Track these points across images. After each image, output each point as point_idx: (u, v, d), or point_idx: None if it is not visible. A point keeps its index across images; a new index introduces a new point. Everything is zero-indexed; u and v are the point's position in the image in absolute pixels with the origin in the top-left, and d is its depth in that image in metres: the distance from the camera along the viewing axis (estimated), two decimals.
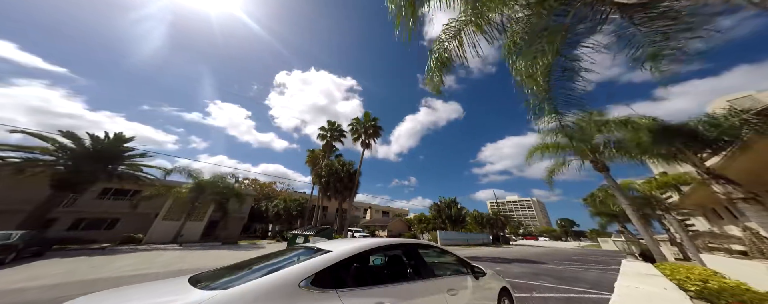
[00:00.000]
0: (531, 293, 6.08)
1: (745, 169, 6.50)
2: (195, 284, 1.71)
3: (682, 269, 5.84)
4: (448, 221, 35.22)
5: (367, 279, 2.62)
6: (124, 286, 2.05)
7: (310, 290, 1.62)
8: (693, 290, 4.90)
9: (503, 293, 3.50)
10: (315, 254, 2.03)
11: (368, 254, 2.38)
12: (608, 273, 9.69)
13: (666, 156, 6.86)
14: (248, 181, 39.85)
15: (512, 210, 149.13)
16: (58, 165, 13.12)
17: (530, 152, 11.27)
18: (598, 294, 6.19)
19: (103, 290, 1.94)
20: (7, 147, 12.16)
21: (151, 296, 1.68)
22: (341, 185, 23.64)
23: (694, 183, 9.71)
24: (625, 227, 22.34)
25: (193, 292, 1.53)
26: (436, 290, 2.40)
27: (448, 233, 30.84)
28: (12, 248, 8.07)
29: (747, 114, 5.40)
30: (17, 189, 14.31)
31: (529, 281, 7.53)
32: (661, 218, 14.32)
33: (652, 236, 9.51)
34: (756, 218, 5.20)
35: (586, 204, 20.09)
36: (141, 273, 6.86)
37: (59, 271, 6.81)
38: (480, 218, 42.67)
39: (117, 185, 18.10)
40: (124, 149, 15.26)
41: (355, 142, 25.57)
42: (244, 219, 25.86)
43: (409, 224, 41.05)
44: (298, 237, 12.74)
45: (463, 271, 3.12)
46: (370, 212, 50.76)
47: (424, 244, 2.97)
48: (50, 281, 5.70)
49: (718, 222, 12.31)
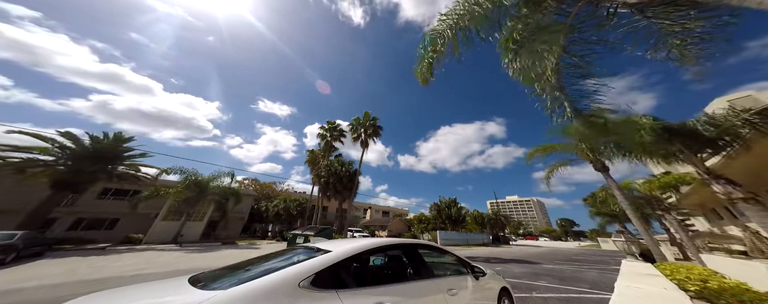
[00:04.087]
0: (531, 293, 6.08)
1: (745, 169, 6.49)
2: (195, 284, 1.71)
3: (682, 269, 5.84)
4: (448, 221, 35.22)
5: (367, 279, 2.62)
6: (124, 286, 2.05)
7: (310, 290, 1.62)
8: (693, 290, 4.90)
9: (503, 293, 3.49)
10: (315, 254, 2.03)
11: (368, 254, 2.38)
12: (608, 273, 9.68)
13: (666, 156, 6.86)
14: (248, 181, 39.88)
15: (512, 210, 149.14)
16: (57, 165, 13.13)
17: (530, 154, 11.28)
18: (598, 294, 6.19)
19: (103, 289, 1.94)
20: (7, 147, 12.17)
21: (151, 296, 1.68)
22: (341, 185, 23.64)
23: (694, 183, 9.71)
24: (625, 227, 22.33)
25: (193, 292, 1.53)
26: (436, 290, 2.39)
27: (448, 233, 30.83)
28: (12, 248, 8.07)
29: (747, 114, 5.39)
30: (17, 189, 14.30)
31: (529, 281, 7.53)
32: (661, 218, 14.31)
33: (652, 236, 9.52)
34: (756, 218, 5.19)
35: (587, 204, 20.11)
36: (141, 273, 6.87)
37: (59, 271, 6.80)
38: (480, 218, 42.69)
39: (117, 185, 18.09)
40: (123, 149, 15.28)
41: (355, 141, 25.55)
42: (243, 219, 25.85)
43: (409, 224, 41.03)
44: (298, 237, 12.74)
45: (463, 271, 3.11)
46: (370, 212, 50.75)
47: (424, 244, 2.96)
48: (50, 281, 5.70)
49: (718, 222, 12.31)
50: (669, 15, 3.66)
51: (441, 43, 5.15)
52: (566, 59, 5.04)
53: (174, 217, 17.82)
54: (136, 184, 16.77)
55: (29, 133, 12.89)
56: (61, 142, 13.26)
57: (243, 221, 25.94)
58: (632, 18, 3.96)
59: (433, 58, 5.35)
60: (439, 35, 5.12)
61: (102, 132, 14.70)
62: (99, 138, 14.35)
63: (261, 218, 30.98)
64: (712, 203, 11.58)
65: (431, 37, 5.25)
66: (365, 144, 24.87)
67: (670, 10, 3.62)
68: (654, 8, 3.69)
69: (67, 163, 13.27)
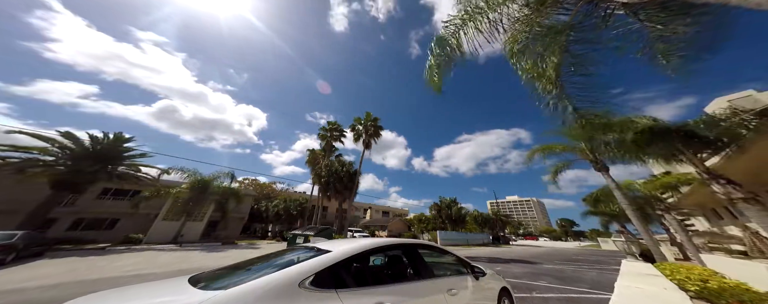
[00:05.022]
0: (531, 293, 6.08)
1: (745, 169, 6.49)
2: (195, 284, 1.71)
3: (682, 269, 5.85)
4: (448, 221, 35.23)
5: (367, 279, 2.62)
6: (124, 286, 2.05)
7: (310, 290, 1.62)
8: (693, 290, 4.91)
9: (503, 293, 3.49)
10: (315, 254, 2.03)
11: (368, 254, 2.37)
12: (608, 273, 9.68)
13: (666, 156, 6.86)
14: (248, 181, 39.88)
15: (512, 210, 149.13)
16: (57, 165, 13.13)
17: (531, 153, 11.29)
18: (598, 294, 6.19)
19: (103, 289, 1.94)
20: (7, 147, 12.17)
21: (151, 296, 1.68)
22: (341, 185, 23.62)
23: (694, 183, 9.72)
24: (625, 227, 22.33)
25: (193, 292, 1.53)
26: (436, 290, 2.39)
27: (448, 233, 30.82)
28: (12, 248, 8.06)
29: (747, 114, 5.39)
30: (17, 189, 14.30)
31: (529, 281, 7.52)
32: (661, 218, 14.30)
33: (652, 236, 9.52)
34: (756, 218, 5.19)
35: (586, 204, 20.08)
36: (141, 273, 6.87)
37: (59, 271, 6.80)
38: (480, 218, 42.68)
39: (117, 185, 18.09)
40: (123, 149, 15.28)
41: (356, 141, 25.55)
42: (243, 219, 25.85)
43: (409, 224, 41.05)
44: (298, 237, 12.75)
45: (463, 271, 3.11)
46: (370, 212, 50.78)
47: (424, 244, 2.96)
48: (50, 281, 5.70)
49: (718, 222, 12.32)
50: (661, 19, 3.67)
51: (449, 50, 5.21)
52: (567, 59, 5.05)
53: (174, 217, 17.81)
54: (137, 184, 16.75)
55: (29, 134, 12.90)
56: (61, 142, 13.26)
57: (243, 221, 25.93)
58: (626, 21, 3.98)
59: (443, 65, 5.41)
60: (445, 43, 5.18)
61: (102, 132, 14.72)
62: (99, 138, 14.35)
63: (261, 218, 30.99)
64: (712, 203, 11.59)
65: (438, 42, 5.29)
66: (367, 144, 24.88)
67: (662, 14, 3.62)
68: (646, 11, 3.70)
69: (67, 163, 13.27)
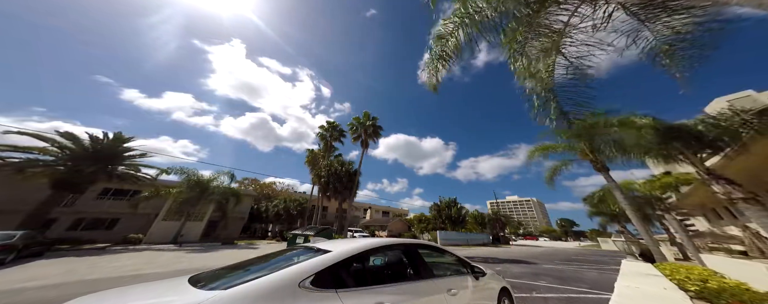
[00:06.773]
0: (531, 293, 6.07)
1: (745, 169, 6.49)
2: (195, 284, 1.71)
3: (682, 269, 5.84)
4: (448, 221, 35.19)
5: (367, 279, 2.61)
6: (124, 286, 2.05)
7: (310, 290, 1.62)
8: (693, 290, 4.90)
9: (503, 294, 3.49)
10: (315, 254, 2.03)
11: (368, 254, 2.37)
12: (608, 273, 9.68)
13: (666, 156, 6.86)
14: (248, 181, 39.89)
15: (512, 210, 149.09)
16: (57, 165, 13.12)
17: (531, 153, 11.29)
18: (598, 294, 6.18)
19: (103, 289, 1.93)
20: (7, 147, 12.16)
21: (151, 296, 1.68)
22: (341, 185, 23.62)
23: (694, 183, 9.72)
24: (625, 227, 22.36)
25: (193, 292, 1.53)
26: (436, 290, 2.39)
27: (448, 233, 30.81)
28: (12, 248, 8.07)
29: (747, 114, 5.40)
30: (17, 189, 14.30)
31: (529, 281, 7.52)
32: (661, 218, 14.32)
33: (652, 236, 9.51)
34: (756, 218, 5.20)
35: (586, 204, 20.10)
36: (141, 273, 6.87)
37: (59, 271, 6.80)
38: (480, 218, 42.68)
39: (117, 185, 18.10)
40: (123, 149, 15.28)
41: (355, 141, 25.57)
42: (243, 219, 25.86)
43: (409, 224, 41.02)
44: (298, 237, 12.73)
45: (463, 271, 3.11)
46: (370, 212, 50.77)
47: (424, 244, 2.96)
48: (50, 281, 5.70)
49: (718, 222, 12.32)
50: (661, 18, 3.67)
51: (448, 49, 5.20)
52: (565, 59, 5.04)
53: (174, 217, 17.82)
54: (136, 184, 16.74)
55: (29, 134, 12.89)
56: (60, 142, 13.26)
57: (243, 221, 25.93)
58: (626, 21, 3.97)
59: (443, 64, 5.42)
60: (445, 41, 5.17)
61: (102, 132, 14.70)
62: (99, 138, 14.34)
63: (261, 218, 30.97)
64: (712, 203, 11.59)
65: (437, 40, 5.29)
66: (365, 144, 24.90)
67: (661, 14, 3.62)
68: (647, 11, 3.70)
69: (67, 163, 13.27)
